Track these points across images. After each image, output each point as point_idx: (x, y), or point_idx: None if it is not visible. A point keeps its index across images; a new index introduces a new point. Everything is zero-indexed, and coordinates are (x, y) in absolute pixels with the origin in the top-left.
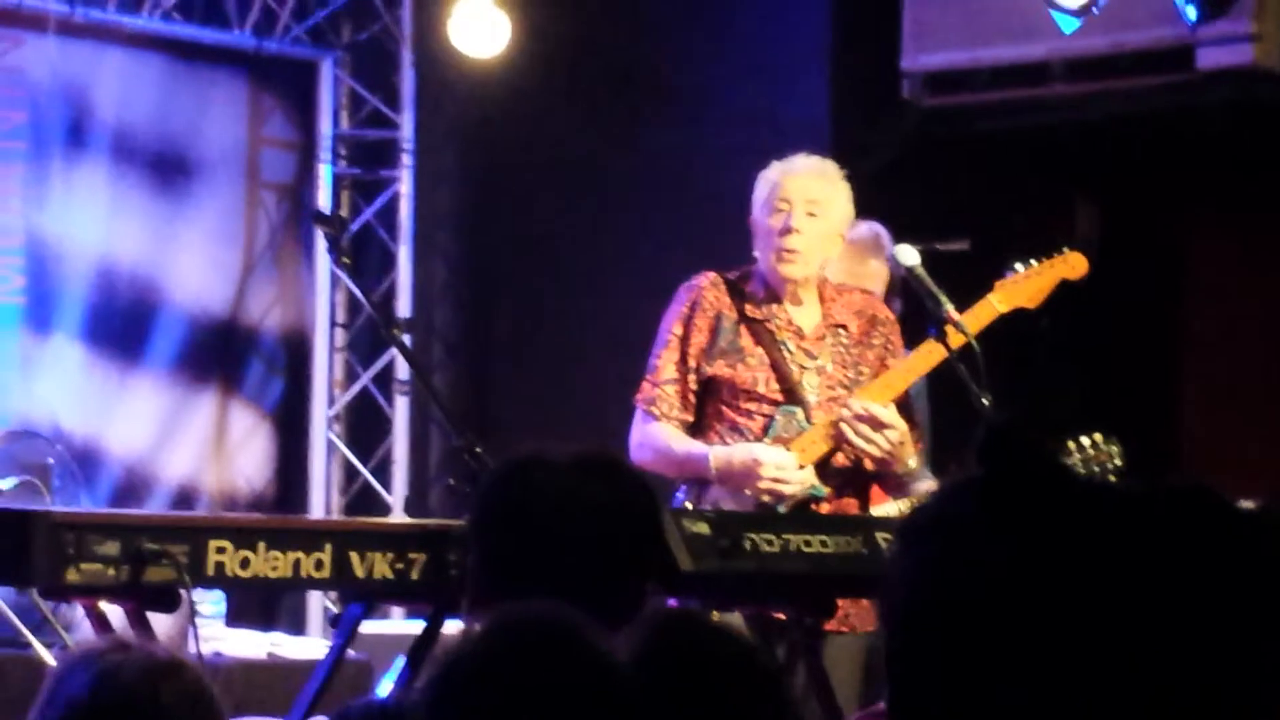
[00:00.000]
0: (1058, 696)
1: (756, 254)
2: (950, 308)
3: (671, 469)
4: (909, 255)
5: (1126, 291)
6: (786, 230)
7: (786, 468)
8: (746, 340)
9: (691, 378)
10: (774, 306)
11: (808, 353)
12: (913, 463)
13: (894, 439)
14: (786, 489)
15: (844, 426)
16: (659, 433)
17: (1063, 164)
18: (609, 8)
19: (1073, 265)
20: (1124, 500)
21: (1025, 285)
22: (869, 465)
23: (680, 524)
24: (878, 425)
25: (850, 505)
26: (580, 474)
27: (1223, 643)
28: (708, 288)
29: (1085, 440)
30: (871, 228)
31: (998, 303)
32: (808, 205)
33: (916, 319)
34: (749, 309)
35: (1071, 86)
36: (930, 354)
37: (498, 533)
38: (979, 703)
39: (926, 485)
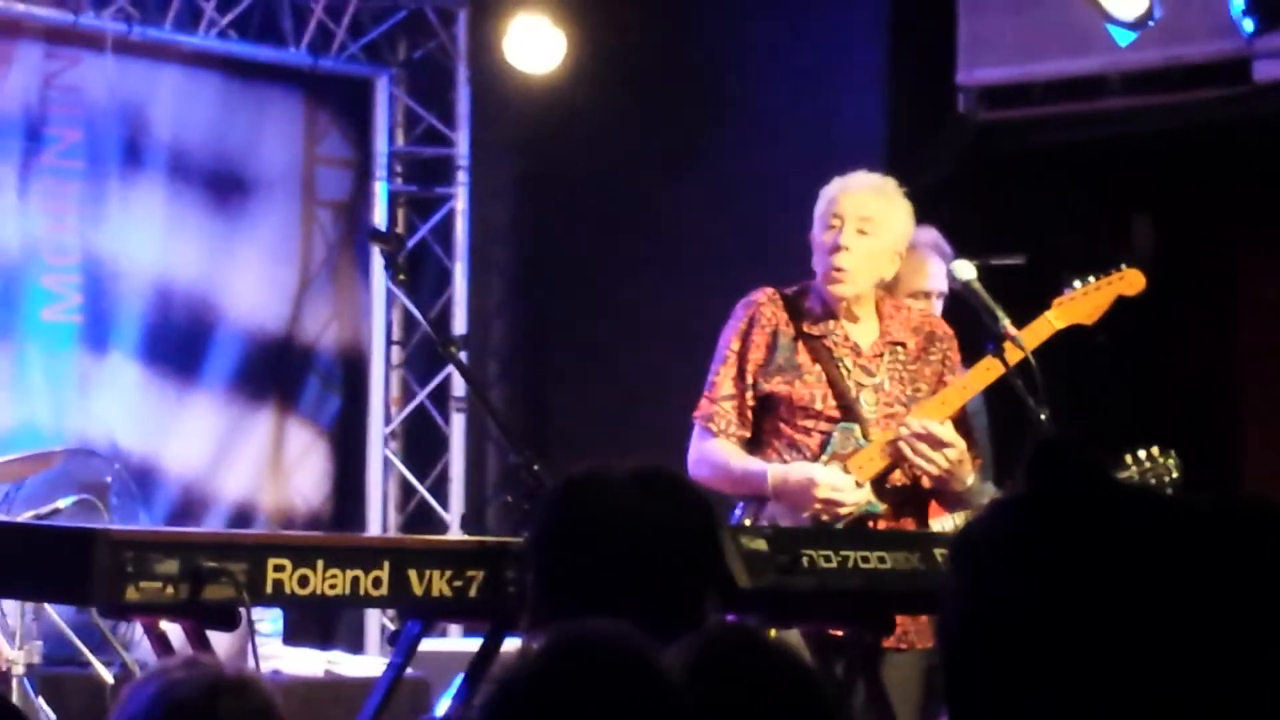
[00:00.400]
0: (1095, 713)
1: (816, 268)
2: (1007, 322)
3: (729, 485)
4: (965, 270)
5: (1183, 305)
6: (836, 248)
7: (842, 487)
8: (804, 357)
9: (749, 394)
10: (831, 323)
11: (865, 370)
12: (970, 480)
13: (952, 457)
14: (842, 509)
15: (902, 445)
16: (717, 449)
17: (1118, 178)
18: (664, 24)
19: (1130, 282)
20: (1177, 513)
21: (1083, 302)
22: (927, 483)
23: (738, 540)
24: (936, 444)
25: (908, 522)
26: (639, 491)
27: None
28: (765, 304)
29: (1142, 454)
30: (927, 232)
31: (1055, 319)
32: (860, 222)
33: (969, 334)
34: (806, 326)
35: (1127, 100)
36: (988, 370)
37: (556, 550)
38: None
39: (985, 501)
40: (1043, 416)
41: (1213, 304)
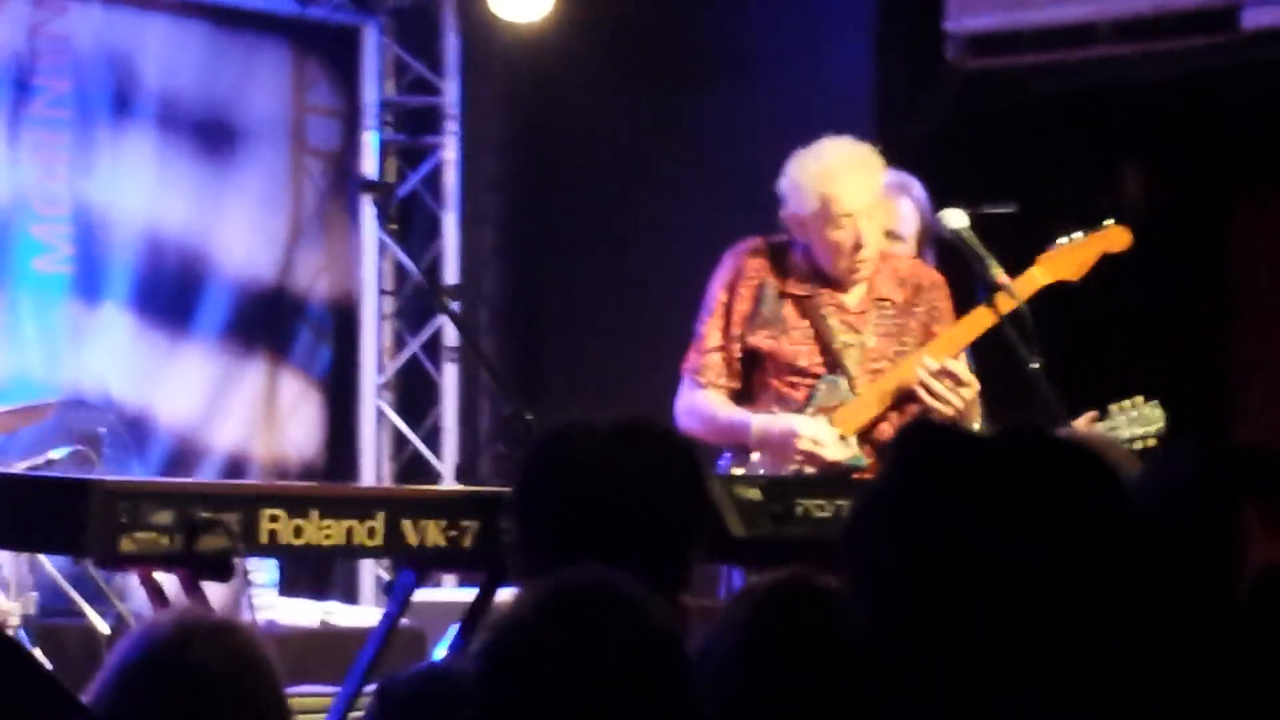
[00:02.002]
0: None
1: (821, 258)
2: (999, 270)
3: (716, 436)
4: (957, 219)
5: (1174, 253)
6: (859, 246)
7: (824, 440)
8: (790, 310)
9: (736, 346)
10: (818, 285)
11: (851, 327)
12: (977, 424)
13: (968, 396)
14: (824, 461)
15: (920, 384)
16: (705, 400)
17: (1108, 126)
18: None
19: (1116, 238)
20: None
21: (1068, 257)
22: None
23: (732, 490)
24: (957, 382)
25: None
26: (622, 440)
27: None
28: (751, 255)
29: (1127, 403)
30: (896, 173)
31: (1040, 275)
32: (867, 211)
33: (961, 280)
34: (792, 284)
35: (1116, 48)
36: (985, 317)
37: (539, 501)
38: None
39: None
40: (1033, 365)
41: (1204, 252)
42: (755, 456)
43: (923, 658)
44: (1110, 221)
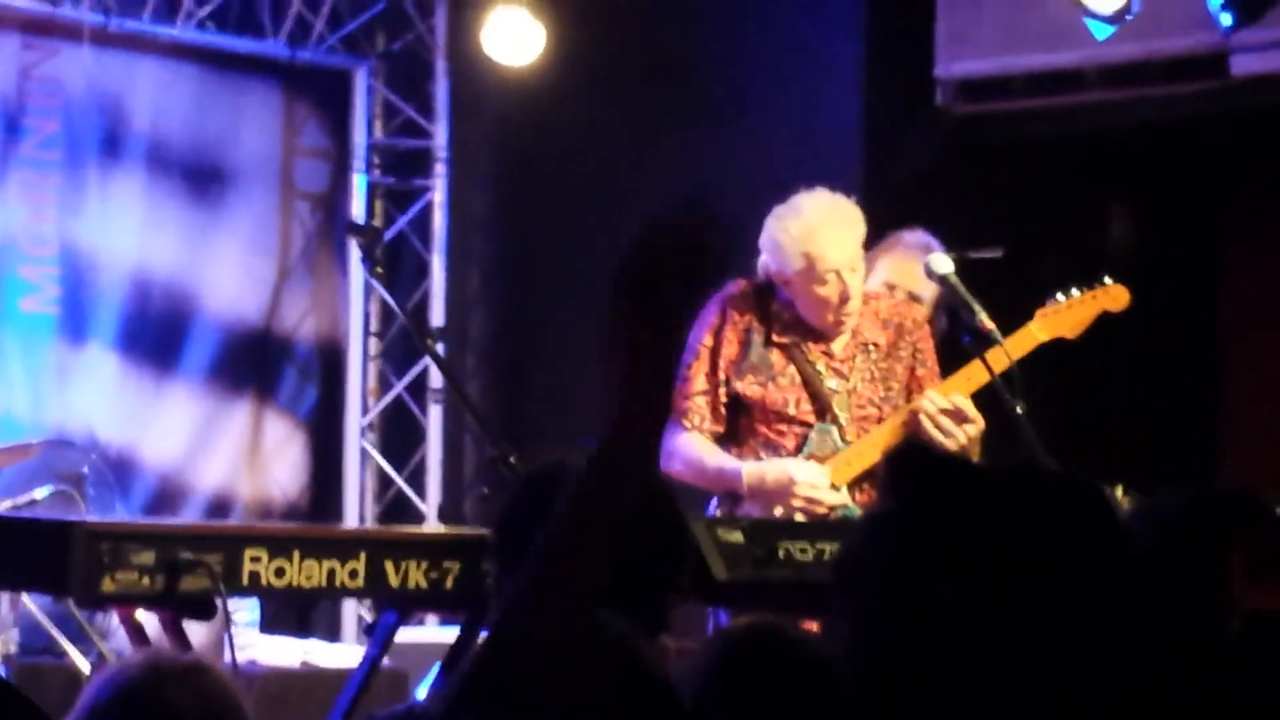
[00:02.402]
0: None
1: (806, 312)
2: (984, 316)
3: (703, 481)
4: (943, 264)
5: (1163, 298)
6: (845, 299)
7: (820, 485)
8: (777, 358)
9: (722, 390)
10: (805, 332)
11: (838, 373)
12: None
13: (972, 433)
14: (820, 507)
15: (925, 419)
16: (690, 444)
17: (1097, 171)
18: (642, 16)
19: (1115, 297)
20: (1023, 493)
21: (1066, 315)
22: None
23: (715, 533)
24: (962, 418)
25: None
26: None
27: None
28: (739, 298)
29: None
30: (922, 234)
31: (1038, 331)
32: (850, 265)
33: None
34: (776, 333)
35: (1106, 94)
36: (980, 373)
37: (521, 543)
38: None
39: None
40: (1018, 409)
41: (1192, 297)
42: (746, 504)
43: (911, 686)
44: (1109, 280)
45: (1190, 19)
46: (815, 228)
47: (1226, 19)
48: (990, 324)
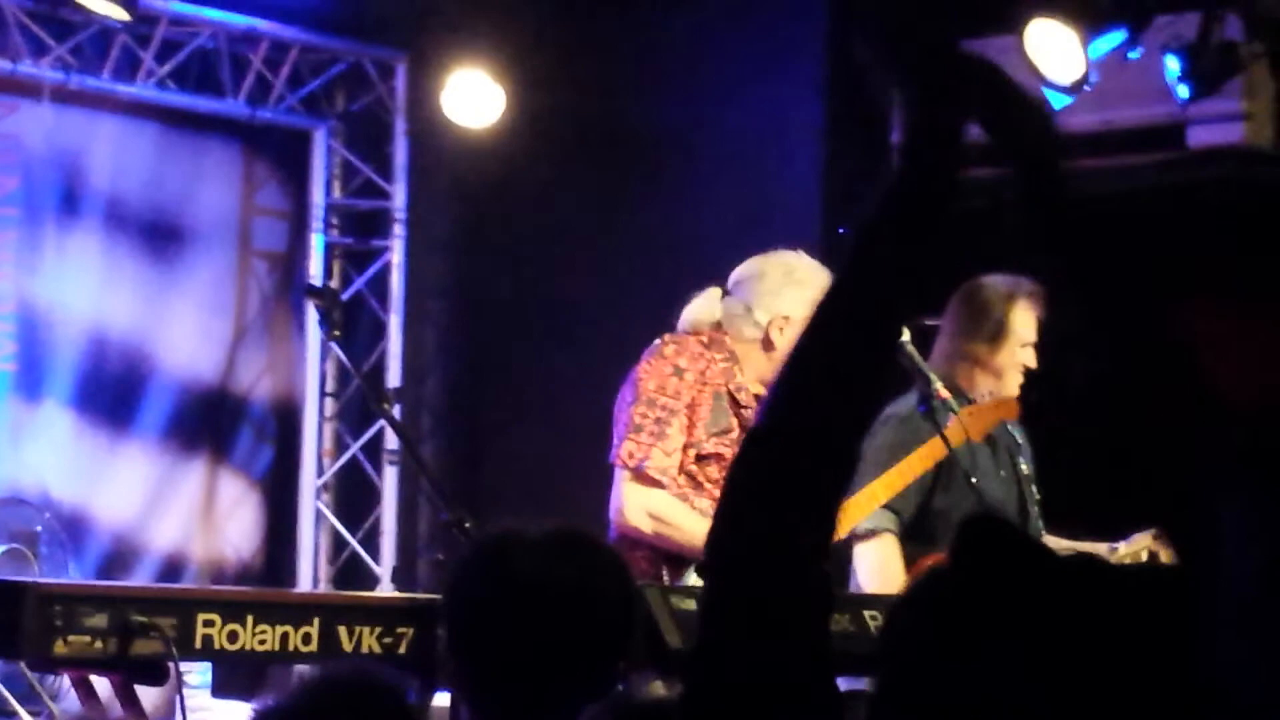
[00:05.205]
0: None
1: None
2: (940, 385)
3: (673, 544)
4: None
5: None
6: None
7: None
8: (733, 419)
9: (692, 451)
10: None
11: None
12: None
13: None
14: None
15: None
16: (668, 504)
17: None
18: (602, 80)
19: (1009, 410)
20: (1097, 580)
21: (978, 418)
22: None
23: (669, 600)
24: None
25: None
26: (550, 555)
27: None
28: (708, 357)
29: None
30: None
31: (966, 425)
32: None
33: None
34: (732, 387)
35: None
36: (938, 448)
37: (467, 614)
38: None
39: None
40: (973, 480)
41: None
42: None
43: None
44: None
45: (1147, 90)
46: (811, 284)
47: (1183, 91)
48: (946, 393)
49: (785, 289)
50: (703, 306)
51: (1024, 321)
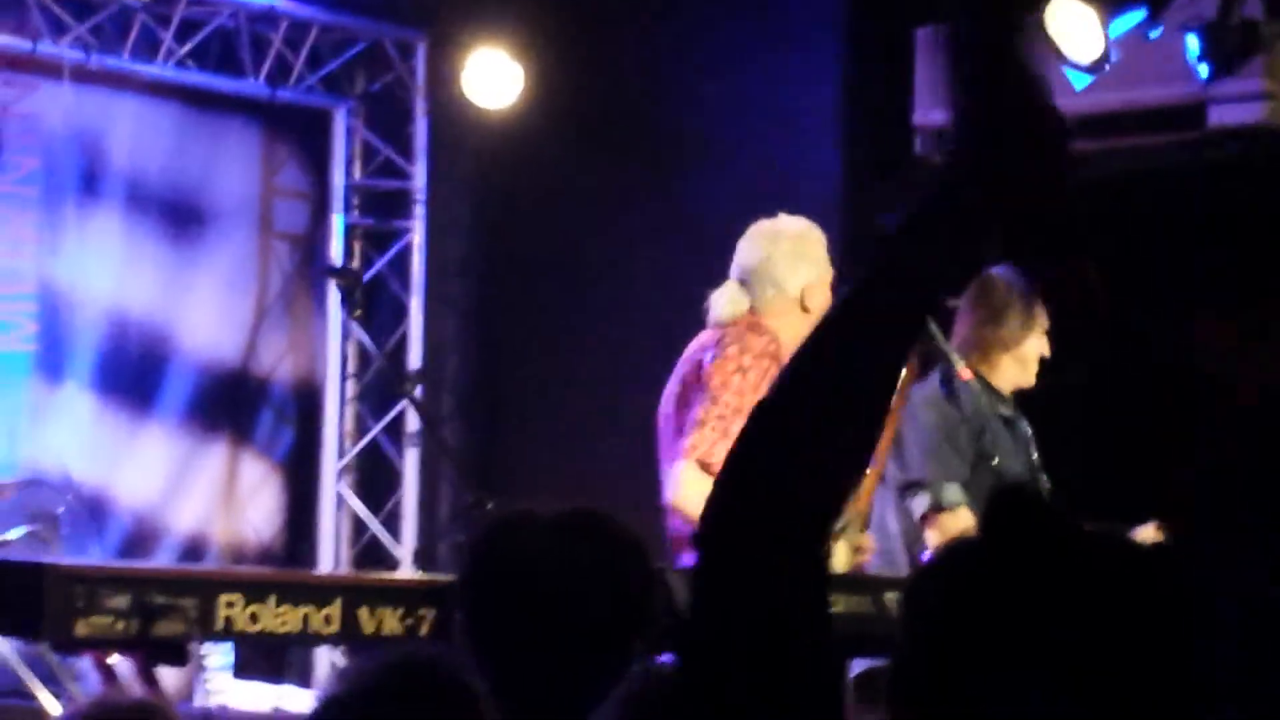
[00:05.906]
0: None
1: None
2: (961, 365)
3: None
4: None
5: (1134, 348)
6: None
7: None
8: None
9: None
10: None
11: None
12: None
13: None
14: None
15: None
16: None
17: (1073, 220)
18: (622, 61)
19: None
20: (1121, 553)
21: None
22: None
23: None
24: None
25: None
26: (563, 535)
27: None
28: (768, 352)
29: None
30: None
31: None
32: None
33: None
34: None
35: (1083, 143)
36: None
37: (481, 595)
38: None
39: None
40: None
41: (1165, 347)
42: None
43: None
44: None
45: (1167, 70)
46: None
47: (1204, 70)
48: (968, 373)
49: (797, 262)
50: (731, 299)
51: (1043, 312)
